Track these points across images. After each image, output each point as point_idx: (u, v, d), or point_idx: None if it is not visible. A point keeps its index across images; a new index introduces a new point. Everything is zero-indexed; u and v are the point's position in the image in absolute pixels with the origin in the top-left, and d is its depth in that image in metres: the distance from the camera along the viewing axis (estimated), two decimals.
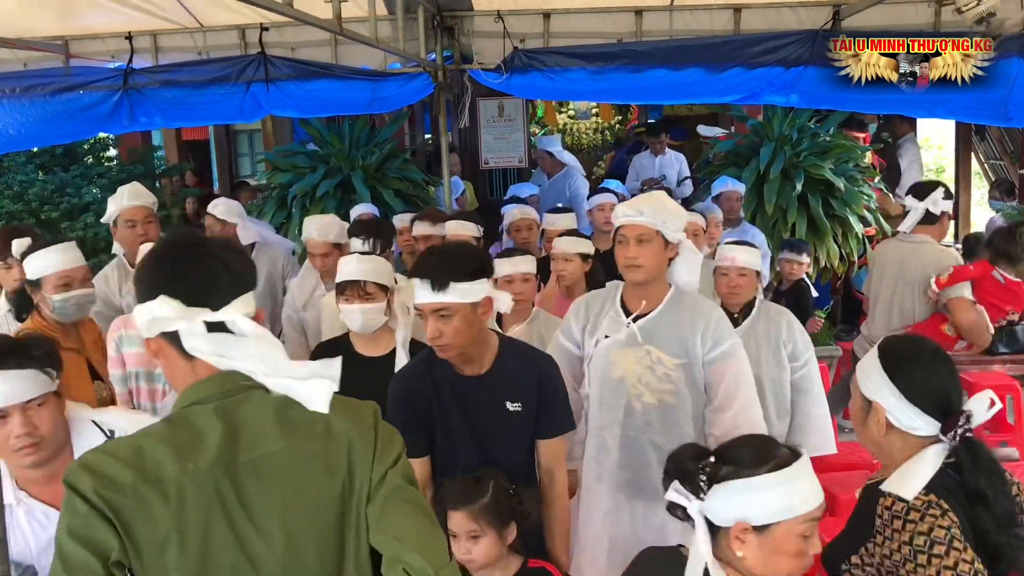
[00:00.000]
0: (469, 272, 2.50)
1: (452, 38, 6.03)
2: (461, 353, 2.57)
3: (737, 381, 2.97)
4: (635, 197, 3.18)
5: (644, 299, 2.98)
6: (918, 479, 1.91)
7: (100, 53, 6.35)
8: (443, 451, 2.69)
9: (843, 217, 6.72)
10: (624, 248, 2.92)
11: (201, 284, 1.59)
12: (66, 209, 7.38)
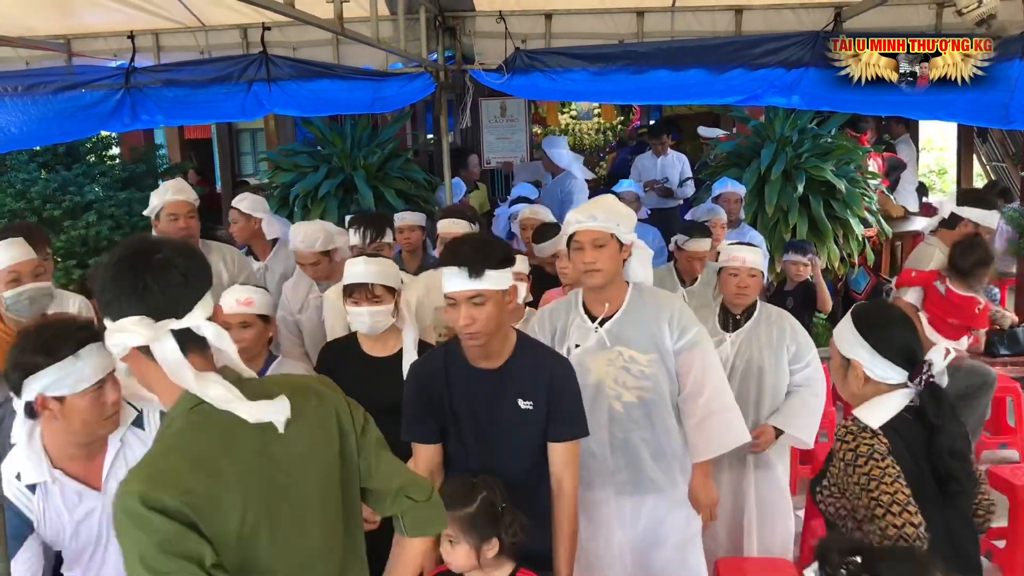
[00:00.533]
0: (500, 260, 2.54)
1: (454, 38, 6.04)
2: (487, 343, 2.58)
3: (705, 367, 3.04)
4: (587, 203, 3.20)
5: (606, 302, 3.02)
6: (883, 410, 2.29)
7: (102, 52, 6.37)
8: (453, 442, 2.71)
9: (844, 219, 6.73)
10: (581, 254, 2.95)
11: (164, 296, 1.66)
12: (68, 207, 7.38)
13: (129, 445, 2.32)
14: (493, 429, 2.65)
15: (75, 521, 2.28)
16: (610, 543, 3.10)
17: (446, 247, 2.66)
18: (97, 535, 2.32)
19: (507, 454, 2.66)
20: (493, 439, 2.66)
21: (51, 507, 2.27)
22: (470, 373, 2.66)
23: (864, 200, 6.92)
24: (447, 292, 2.54)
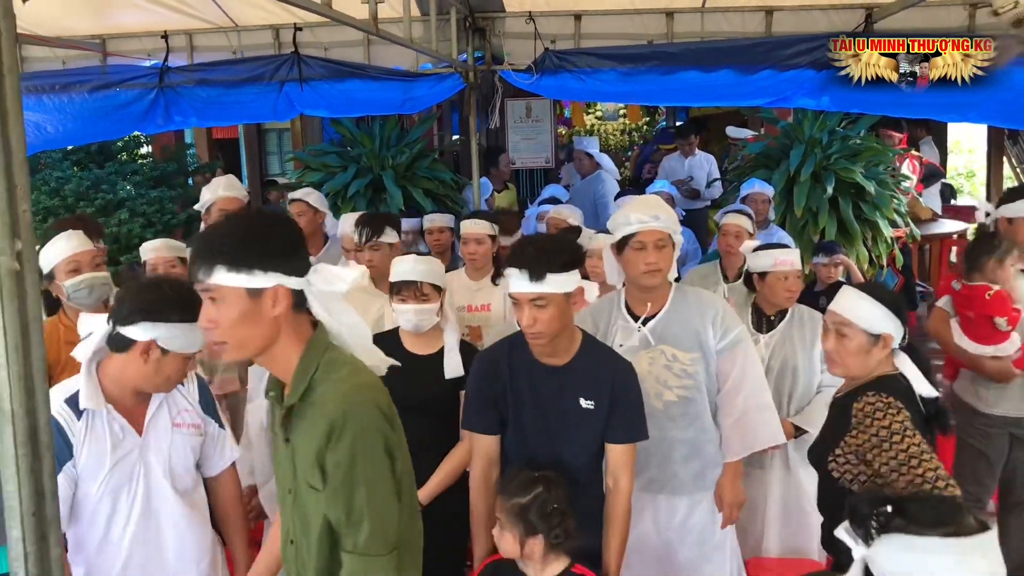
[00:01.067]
0: (564, 263, 2.56)
1: (484, 39, 6.07)
2: (550, 342, 2.61)
3: (746, 365, 3.06)
4: (639, 201, 3.20)
5: (649, 301, 3.03)
6: (919, 378, 2.58)
7: (136, 52, 6.45)
8: (511, 435, 2.74)
9: (873, 221, 6.68)
10: (642, 254, 2.95)
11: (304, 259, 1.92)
12: (101, 205, 7.48)
13: (172, 396, 2.52)
14: (553, 425, 2.68)
15: (115, 457, 2.42)
16: (638, 540, 3.11)
17: (514, 247, 2.68)
18: (130, 475, 2.45)
19: (564, 451, 2.69)
20: (552, 435, 2.68)
21: (95, 436, 2.40)
22: (534, 368, 2.68)
23: (893, 202, 6.87)
24: (510, 292, 2.59)
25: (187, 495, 2.56)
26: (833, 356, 2.65)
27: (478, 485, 2.77)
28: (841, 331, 2.62)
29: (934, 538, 1.60)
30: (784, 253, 3.75)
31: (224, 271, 1.80)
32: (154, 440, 2.49)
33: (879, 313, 2.57)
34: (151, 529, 2.49)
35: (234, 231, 1.85)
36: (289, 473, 2.00)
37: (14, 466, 1.67)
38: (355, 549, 1.88)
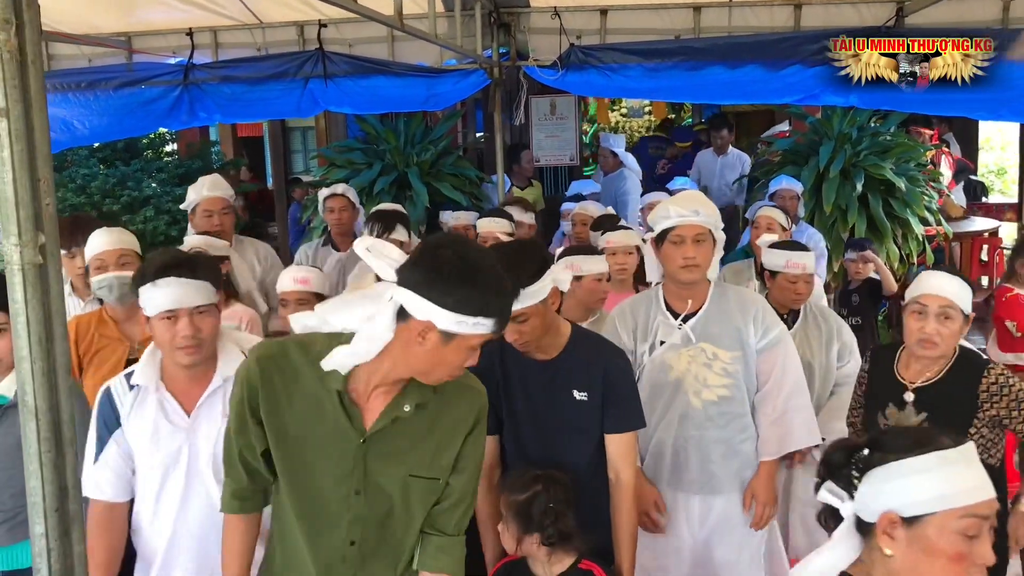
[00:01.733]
0: (533, 274, 2.48)
1: (508, 35, 6.04)
2: (537, 344, 2.58)
3: (786, 365, 3.01)
4: (680, 196, 3.19)
5: (689, 298, 2.98)
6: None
7: (162, 49, 6.48)
8: (509, 433, 2.70)
9: (903, 218, 6.60)
10: (681, 248, 2.90)
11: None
12: (126, 202, 7.53)
13: (229, 386, 2.39)
14: (549, 420, 2.64)
15: (162, 434, 2.44)
16: (674, 540, 3.07)
17: None
18: (176, 455, 2.45)
19: (563, 445, 2.65)
20: (549, 430, 2.65)
21: (143, 411, 2.45)
22: (525, 364, 2.64)
23: (924, 199, 6.77)
24: None
25: None
26: (936, 339, 2.77)
27: (483, 487, 2.72)
28: (947, 313, 2.76)
29: (915, 458, 1.57)
30: (798, 256, 3.68)
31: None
32: (203, 426, 2.48)
33: (968, 294, 2.80)
34: (192, 513, 2.48)
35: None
36: (360, 472, 1.97)
37: (37, 462, 1.65)
38: (457, 532, 2.09)
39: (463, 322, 1.77)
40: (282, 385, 1.96)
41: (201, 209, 4.35)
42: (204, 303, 2.41)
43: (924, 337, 2.78)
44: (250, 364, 1.97)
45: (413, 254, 1.85)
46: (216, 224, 4.29)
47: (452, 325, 1.77)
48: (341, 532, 2.01)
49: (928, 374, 2.88)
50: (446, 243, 1.84)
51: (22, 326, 1.60)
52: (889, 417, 2.93)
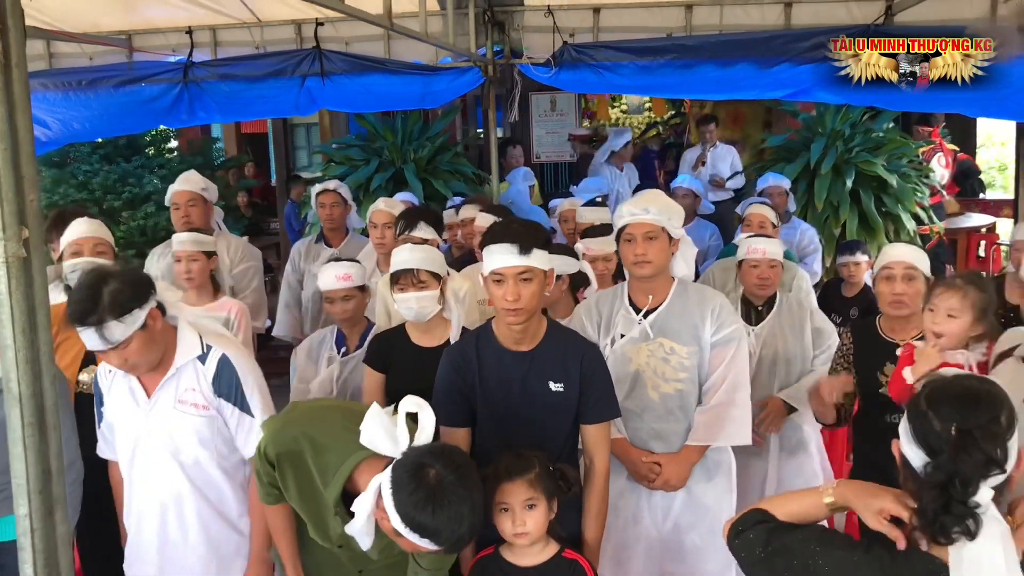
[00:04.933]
0: (544, 240, 2.62)
1: (502, 33, 6.10)
2: (526, 322, 2.62)
3: (733, 363, 3.06)
4: (636, 196, 3.27)
5: (650, 294, 3.06)
6: None
7: (162, 47, 6.56)
8: (484, 424, 2.75)
9: (895, 214, 6.65)
10: (632, 246, 3.00)
11: None
12: (128, 198, 7.62)
13: (184, 373, 2.65)
14: (525, 411, 2.70)
15: (125, 415, 2.68)
16: (639, 531, 3.14)
17: (493, 227, 2.70)
18: (138, 432, 2.67)
19: (538, 436, 2.71)
20: (525, 421, 2.70)
21: (116, 389, 2.70)
22: (502, 356, 2.71)
23: (916, 195, 6.83)
24: (495, 268, 2.57)
25: (197, 469, 2.67)
26: (904, 298, 3.17)
27: None
28: (911, 275, 3.18)
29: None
30: (757, 242, 3.78)
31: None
32: (159, 410, 2.65)
33: (926, 259, 3.26)
34: (154, 489, 2.68)
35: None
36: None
37: (21, 446, 1.74)
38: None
39: (409, 534, 2.03)
40: (292, 476, 2.34)
41: (171, 203, 4.51)
42: (117, 342, 2.43)
43: (894, 298, 3.17)
44: (267, 449, 2.35)
45: (404, 458, 2.12)
46: (183, 216, 4.44)
47: (398, 527, 2.03)
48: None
49: (914, 332, 3.12)
50: (435, 461, 2.06)
51: (6, 316, 1.69)
52: (888, 374, 3.11)
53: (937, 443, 1.59)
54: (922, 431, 1.62)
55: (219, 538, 2.72)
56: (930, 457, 1.60)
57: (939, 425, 1.59)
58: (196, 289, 3.96)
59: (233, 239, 4.83)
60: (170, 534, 2.69)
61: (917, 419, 1.64)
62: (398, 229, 4.29)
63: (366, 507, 2.11)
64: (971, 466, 1.54)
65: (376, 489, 2.09)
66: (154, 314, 2.53)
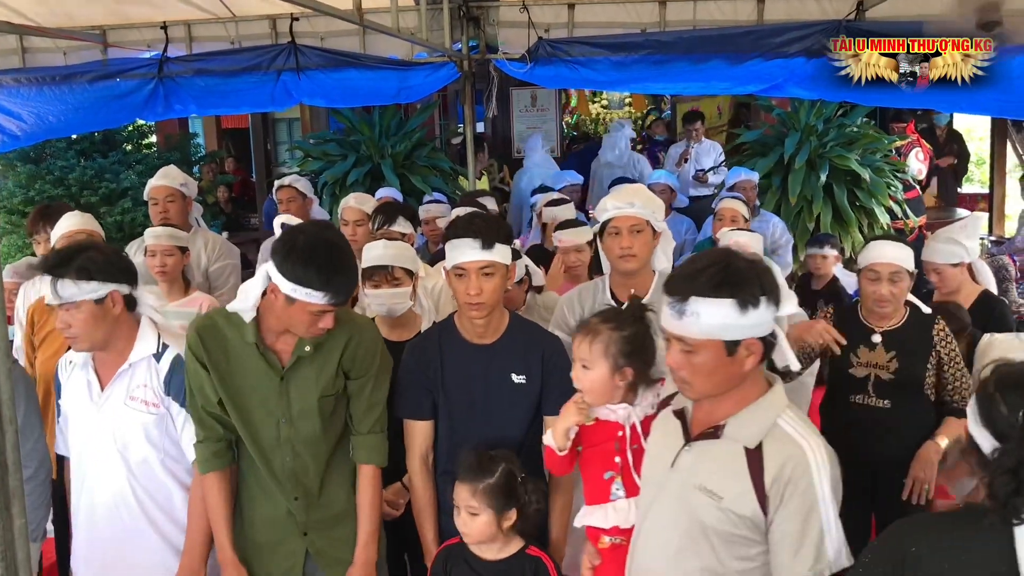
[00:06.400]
0: (507, 235, 2.66)
1: (478, 28, 6.09)
2: (488, 316, 2.65)
3: None
4: (618, 189, 3.32)
5: (633, 288, 3.07)
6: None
7: (136, 43, 6.53)
8: (446, 417, 2.77)
9: (869, 208, 6.71)
10: (618, 239, 3.02)
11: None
12: (104, 194, 7.59)
13: (137, 369, 2.68)
14: (487, 403, 2.72)
15: (83, 404, 2.69)
16: None
17: (455, 221, 2.73)
18: (89, 426, 2.68)
19: (500, 429, 2.72)
20: (486, 413, 2.72)
21: (74, 382, 2.73)
22: (464, 349, 2.73)
23: (890, 189, 6.88)
24: (458, 263, 2.60)
25: (144, 467, 2.67)
26: (890, 299, 3.25)
27: (420, 471, 2.78)
28: (896, 277, 3.24)
29: None
30: (737, 235, 3.88)
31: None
32: (110, 404, 2.67)
33: (910, 255, 3.30)
34: (102, 482, 2.68)
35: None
36: (284, 404, 2.58)
37: None
38: (379, 430, 2.72)
39: (296, 290, 2.31)
40: (216, 346, 2.51)
41: (149, 198, 4.52)
42: (68, 301, 2.52)
43: (879, 298, 3.27)
44: (191, 334, 2.53)
45: (281, 235, 2.43)
46: (161, 212, 4.43)
47: (289, 291, 2.32)
48: (280, 453, 2.56)
49: (892, 321, 3.34)
50: (306, 228, 2.47)
51: None
52: (860, 356, 3.32)
53: (1005, 428, 1.67)
54: (990, 415, 1.70)
55: (166, 539, 2.71)
56: (999, 441, 1.68)
57: (1007, 411, 1.67)
58: (168, 284, 3.96)
59: (211, 236, 4.83)
60: (117, 533, 2.68)
61: (985, 403, 1.72)
62: (376, 224, 4.30)
63: (256, 288, 2.42)
64: None
65: (264, 273, 2.38)
66: (116, 298, 2.58)
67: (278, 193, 5.15)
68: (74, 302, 2.51)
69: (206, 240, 4.66)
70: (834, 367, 3.35)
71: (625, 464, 2.40)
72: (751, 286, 1.89)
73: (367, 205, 4.53)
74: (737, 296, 1.87)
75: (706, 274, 1.90)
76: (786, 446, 1.93)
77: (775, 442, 1.94)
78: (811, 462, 1.90)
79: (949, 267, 3.87)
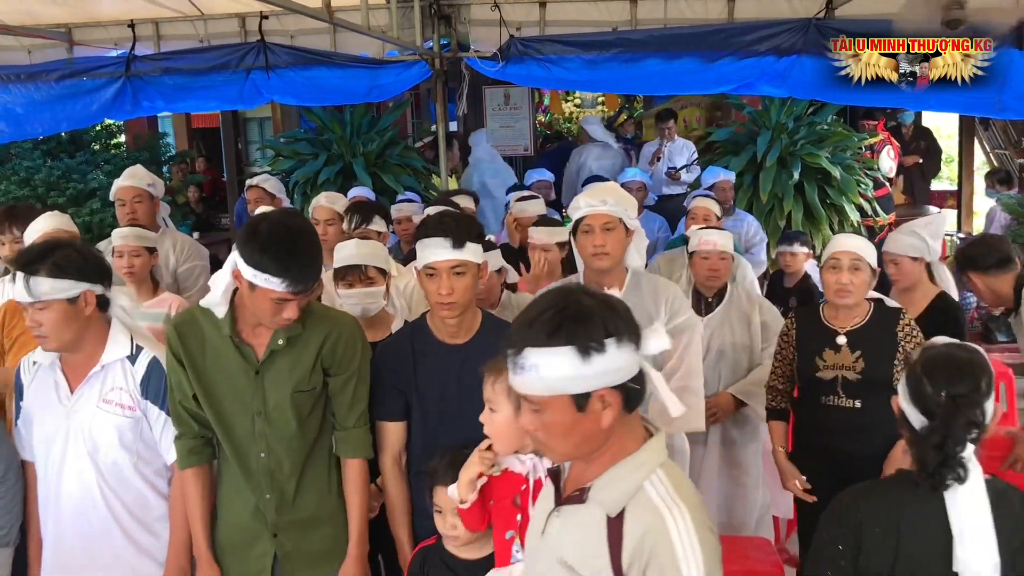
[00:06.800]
0: (478, 234, 2.64)
1: (449, 26, 6.08)
2: (460, 316, 2.63)
3: (687, 351, 3.11)
4: (591, 187, 3.30)
5: (605, 286, 3.06)
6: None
7: (103, 41, 6.46)
8: (419, 418, 2.75)
9: (839, 206, 6.75)
10: (590, 237, 3.01)
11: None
12: (72, 195, 7.49)
13: (111, 371, 2.63)
14: (460, 403, 2.69)
15: (46, 410, 2.64)
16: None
17: (425, 220, 2.71)
18: (55, 430, 2.62)
19: (474, 428, 2.69)
20: (460, 413, 2.69)
21: (39, 384, 2.67)
22: (437, 349, 2.71)
23: (860, 187, 6.93)
24: (429, 263, 2.58)
25: (115, 471, 2.62)
26: (850, 288, 3.20)
27: (393, 473, 2.75)
28: (857, 265, 3.22)
29: None
30: (708, 234, 3.82)
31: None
32: (81, 406, 2.61)
33: (873, 250, 3.28)
34: (67, 486, 2.62)
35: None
36: (259, 398, 2.54)
37: None
38: (362, 424, 2.72)
39: (256, 276, 2.29)
40: (193, 340, 2.51)
41: (116, 199, 4.44)
42: (36, 300, 2.48)
43: (839, 287, 3.22)
44: (169, 330, 2.54)
45: (247, 221, 2.43)
46: (129, 213, 4.36)
47: (250, 277, 2.31)
48: (255, 448, 2.53)
49: (855, 320, 3.27)
50: (272, 215, 2.43)
51: None
52: (826, 359, 3.26)
53: (931, 406, 1.99)
54: (918, 394, 2.02)
55: (137, 544, 2.67)
56: (927, 418, 2.00)
57: (931, 391, 1.99)
58: (136, 285, 3.91)
59: (180, 236, 4.77)
60: (85, 536, 2.63)
61: (913, 383, 2.04)
62: (353, 223, 4.26)
63: (223, 279, 2.41)
64: (960, 428, 1.95)
65: (231, 263, 2.37)
66: (89, 298, 2.53)
67: (247, 193, 5.12)
68: (46, 300, 2.47)
69: (174, 241, 4.60)
70: (802, 371, 3.33)
71: (525, 523, 2.11)
72: (592, 329, 1.60)
73: (338, 204, 4.49)
74: (576, 342, 1.59)
75: (540, 320, 1.62)
76: (646, 515, 1.61)
77: (637, 510, 1.63)
78: (673, 537, 1.57)
79: (908, 259, 3.80)
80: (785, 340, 3.42)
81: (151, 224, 4.40)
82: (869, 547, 2.02)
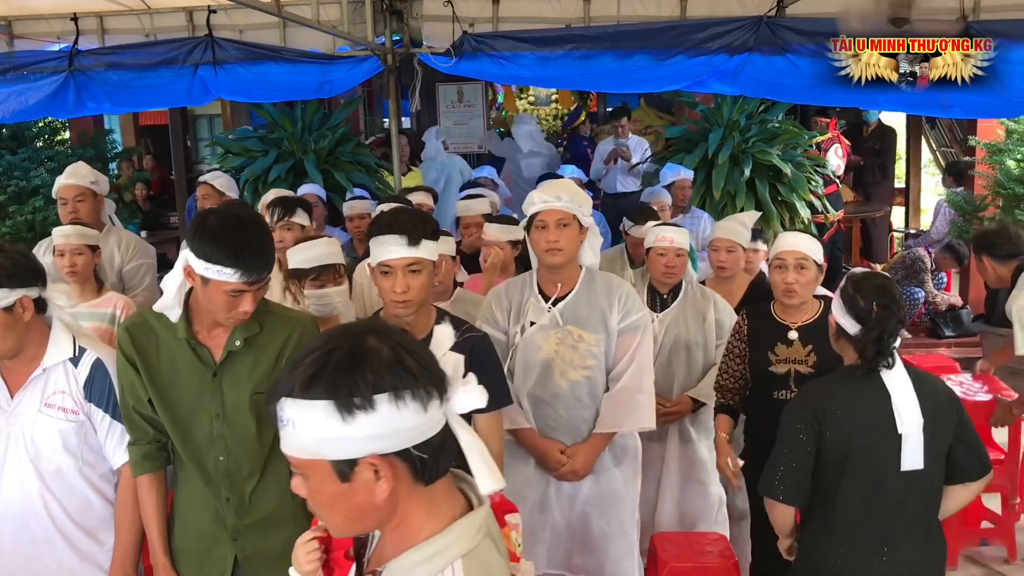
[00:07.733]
0: (433, 231, 2.60)
1: (401, 21, 6.01)
2: (415, 314, 2.61)
3: (638, 349, 3.10)
4: (545, 184, 3.29)
5: (559, 282, 3.07)
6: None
7: (45, 35, 6.29)
8: None
9: (790, 203, 6.82)
10: (544, 233, 3.01)
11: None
12: (14, 192, 7.30)
13: (53, 374, 2.55)
14: None
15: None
16: (547, 518, 3.15)
17: (379, 217, 2.68)
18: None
19: None
20: None
21: None
22: None
23: (810, 184, 7.01)
24: (384, 260, 2.55)
25: (59, 477, 2.54)
26: (796, 287, 3.26)
27: None
28: (802, 264, 3.26)
29: None
30: (664, 230, 3.82)
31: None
32: (22, 410, 2.52)
33: (819, 247, 3.35)
34: (7, 491, 2.53)
35: None
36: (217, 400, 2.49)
37: None
38: None
39: (208, 268, 2.24)
40: (147, 343, 2.44)
41: (58, 198, 4.31)
42: None
43: (786, 287, 3.27)
44: (121, 333, 2.48)
45: (195, 216, 2.41)
46: (71, 211, 4.23)
47: (202, 270, 2.25)
48: (213, 451, 2.46)
49: (806, 316, 3.32)
50: (219, 208, 2.40)
51: None
52: (779, 354, 3.29)
53: (863, 314, 2.55)
54: (852, 307, 2.59)
55: (80, 551, 2.59)
56: (860, 324, 2.56)
57: (864, 303, 2.56)
58: (80, 284, 3.81)
59: (125, 235, 4.65)
60: (25, 545, 2.54)
61: (847, 299, 2.60)
62: (276, 216, 4.16)
63: (175, 281, 2.36)
64: (891, 325, 2.53)
65: (183, 260, 2.32)
66: (26, 303, 2.43)
67: (198, 190, 5.03)
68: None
69: (119, 239, 4.48)
70: (754, 368, 3.35)
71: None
72: (357, 380, 1.27)
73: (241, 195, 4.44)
74: (335, 396, 1.26)
75: (302, 365, 1.30)
76: None
77: None
78: None
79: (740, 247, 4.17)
80: (736, 336, 3.43)
81: (94, 222, 4.28)
82: (830, 424, 2.54)
